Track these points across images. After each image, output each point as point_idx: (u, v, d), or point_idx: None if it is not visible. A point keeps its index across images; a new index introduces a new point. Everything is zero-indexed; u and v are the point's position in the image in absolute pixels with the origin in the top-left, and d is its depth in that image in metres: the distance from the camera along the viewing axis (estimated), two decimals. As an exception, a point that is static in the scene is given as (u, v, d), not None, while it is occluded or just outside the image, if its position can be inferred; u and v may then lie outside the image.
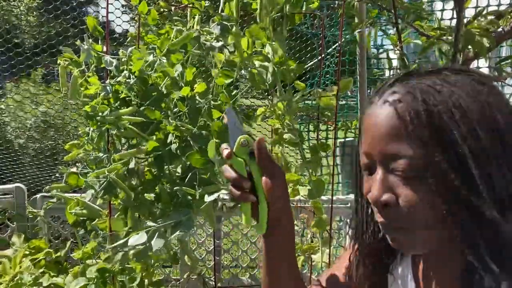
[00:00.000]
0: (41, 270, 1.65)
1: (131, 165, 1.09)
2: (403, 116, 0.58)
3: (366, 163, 0.64)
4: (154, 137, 1.10)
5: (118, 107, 1.08)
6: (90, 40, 1.17)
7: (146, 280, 1.45)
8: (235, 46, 1.04)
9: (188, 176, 1.00)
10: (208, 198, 0.92)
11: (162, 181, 1.07)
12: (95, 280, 1.35)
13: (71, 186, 1.27)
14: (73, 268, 1.50)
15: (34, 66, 4.82)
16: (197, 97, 1.03)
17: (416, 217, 0.58)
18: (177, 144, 1.03)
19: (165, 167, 1.06)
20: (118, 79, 1.08)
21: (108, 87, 1.08)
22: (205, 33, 1.08)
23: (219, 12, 1.16)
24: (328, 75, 3.62)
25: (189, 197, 0.98)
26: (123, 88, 1.07)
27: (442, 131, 0.56)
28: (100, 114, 1.08)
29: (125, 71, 1.08)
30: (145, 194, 1.11)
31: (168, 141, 1.06)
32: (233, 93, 1.07)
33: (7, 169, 4.37)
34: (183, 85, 1.06)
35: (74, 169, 1.28)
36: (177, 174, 1.07)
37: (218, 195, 0.94)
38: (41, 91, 4.70)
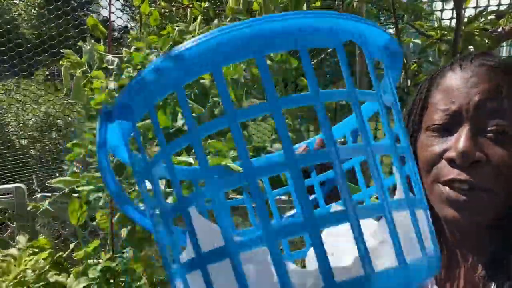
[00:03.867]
0: (45, 269, 1.65)
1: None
2: (507, 76, 0.61)
3: (445, 122, 0.63)
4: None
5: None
6: (92, 40, 1.17)
7: (145, 279, 1.45)
8: None
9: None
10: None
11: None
12: (98, 280, 1.34)
13: (73, 180, 1.26)
14: (74, 268, 1.49)
15: (35, 66, 4.82)
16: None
17: (506, 179, 0.58)
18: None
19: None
20: (122, 76, 1.08)
21: (113, 83, 1.08)
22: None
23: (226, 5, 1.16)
24: (328, 75, 3.62)
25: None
26: (127, 82, 1.07)
27: None
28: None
29: (128, 68, 1.08)
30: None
31: None
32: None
33: (8, 170, 4.37)
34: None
35: (75, 169, 1.28)
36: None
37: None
38: (43, 91, 4.69)
